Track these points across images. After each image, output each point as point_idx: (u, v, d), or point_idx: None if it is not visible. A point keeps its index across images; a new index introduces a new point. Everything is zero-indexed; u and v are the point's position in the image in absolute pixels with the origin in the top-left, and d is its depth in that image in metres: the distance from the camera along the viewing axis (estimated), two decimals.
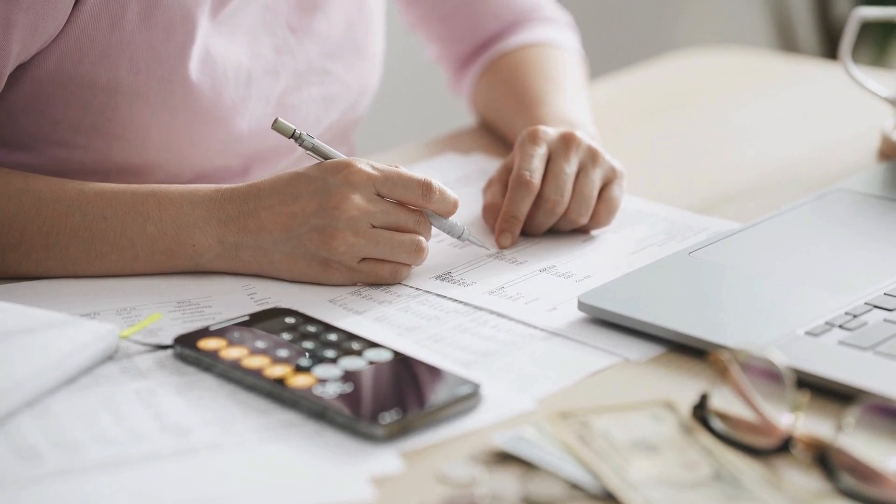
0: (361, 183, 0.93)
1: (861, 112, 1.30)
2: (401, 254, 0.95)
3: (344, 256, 0.93)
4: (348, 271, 0.94)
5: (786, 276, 0.95)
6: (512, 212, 1.01)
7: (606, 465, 0.73)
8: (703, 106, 1.37)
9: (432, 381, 0.82)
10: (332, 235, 0.93)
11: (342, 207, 0.92)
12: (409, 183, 0.95)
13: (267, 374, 0.82)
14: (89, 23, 0.98)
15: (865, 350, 0.84)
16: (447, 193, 0.96)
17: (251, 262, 0.95)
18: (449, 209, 0.97)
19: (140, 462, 0.75)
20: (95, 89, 1.01)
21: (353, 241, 0.93)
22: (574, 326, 0.90)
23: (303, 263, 0.94)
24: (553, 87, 1.18)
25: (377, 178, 0.94)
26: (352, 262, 0.94)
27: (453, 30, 1.25)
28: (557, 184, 1.01)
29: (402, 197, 0.95)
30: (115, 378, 0.83)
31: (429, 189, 0.95)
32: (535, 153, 1.02)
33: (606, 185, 1.03)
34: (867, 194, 1.10)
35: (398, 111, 2.24)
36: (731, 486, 0.72)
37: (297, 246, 0.93)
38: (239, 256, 0.94)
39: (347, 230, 0.93)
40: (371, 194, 0.94)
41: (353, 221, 0.93)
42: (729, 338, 0.85)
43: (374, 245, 0.93)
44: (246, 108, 1.07)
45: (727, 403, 0.77)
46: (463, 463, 0.75)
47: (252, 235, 0.94)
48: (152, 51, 1.00)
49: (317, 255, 0.93)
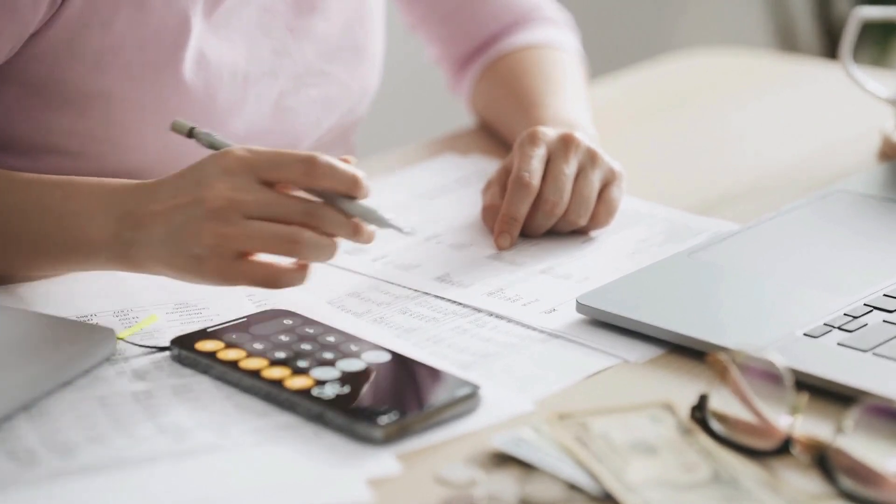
0: (237, 169, 0.85)
1: (861, 112, 1.30)
2: (275, 247, 0.85)
3: (215, 250, 0.85)
4: (224, 269, 0.85)
5: (785, 277, 0.94)
6: (511, 213, 1.01)
7: (605, 467, 0.73)
8: (703, 106, 1.37)
9: (431, 383, 0.81)
10: (199, 227, 0.85)
11: (209, 197, 0.85)
12: (290, 160, 0.85)
13: (265, 375, 0.81)
14: (78, 28, 0.98)
15: (865, 351, 0.83)
16: (339, 168, 0.85)
17: (145, 260, 0.88)
18: (346, 186, 0.86)
19: (137, 464, 0.74)
20: (88, 96, 1.00)
21: (223, 233, 0.84)
22: (573, 328, 0.90)
23: (182, 259, 0.86)
24: (552, 88, 1.17)
25: (254, 161, 0.85)
26: (226, 257, 0.85)
27: (453, 30, 1.25)
28: (557, 185, 1.01)
29: (285, 177, 0.86)
30: (112, 380, 0.83)
31: (312, 164, 0.85)
32: (534, 154, 1.02)
33: (606, 187, 1.03)
34: (867, 195, 1.10)
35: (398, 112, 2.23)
36: (730, 488, 0.72)
37: (177, 240, 0.85)
38: (133, 255, 0.87)
39: (214, 221, 0.84)
40: (250, 182, 0.85)
41: (221, 212, 0.84)
42: (728, 339, 0.84)
43: (245, 238, 0.84)
44: (242, 109, 1.07)
45: (726, 405, 0.77)
46: (461, 464, 0.75)
47: (143, 231, 0.87)
48: (144, 54, 1.00)
49: (192, 250, 0.85)
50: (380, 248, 1.03)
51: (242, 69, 1.06)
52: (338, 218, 0.86)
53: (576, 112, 1.14)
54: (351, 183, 0.86)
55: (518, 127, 1.11)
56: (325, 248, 0.86)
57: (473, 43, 1.25)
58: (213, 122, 1.04)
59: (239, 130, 1.07)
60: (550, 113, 1.13)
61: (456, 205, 1.10)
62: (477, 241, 1.03)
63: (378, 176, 1.18)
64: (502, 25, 1.24)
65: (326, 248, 0.86)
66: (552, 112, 1.13)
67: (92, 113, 1.01)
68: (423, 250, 1.02)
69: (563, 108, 1.14)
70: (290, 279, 0.87)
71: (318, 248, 0.86)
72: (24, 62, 0.99)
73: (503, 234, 1.01)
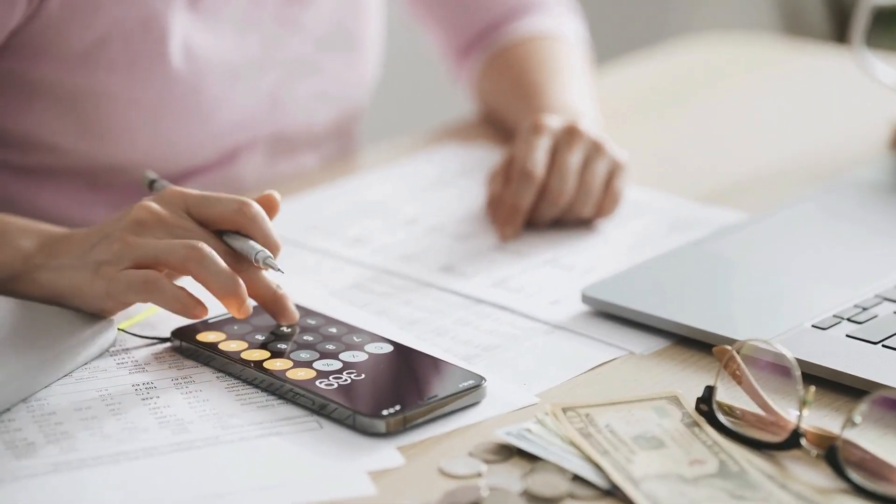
0: (170, 198, 0.83)
1: (872, 101, 1.29)
2: (170, 255, 0.81)
3: (114, 257, 0.81)
4: (109, 281, 0.81)
5: (794, 268, 0.94)
6: (515, 204, 1.00)
7: (610, 460, 0.72)
8: (710, 95, 1.36)
9: (434, 375, 0.81)
10: (117, 236, 0.82)
11: (135, 210, 0.82)
12: (223, 200, 0.83)
13: (267, 367, 0.81)
14: (59, 25, 0.98)
15: (874, 343, 0.83)
16: (267, 226, 0.84)
17: (45, 285, 0.84)
18: (268, 245, 0.83)
19: (138, 457, 0.74)
20: (75, 92, 1.00)
21: (130, 241, 0.81)
22: (577, 319, 0.89)
23: (80, 275, 0.82)
24: (556, 77, 1.17)
25: (189, 195, 0.83)
26: (117, 266, 0.81)
27: (455, 18, 1.24)
28: (562, 176, 1.00)
29: (216, 214, 0.83)
30: (113, 371, 0.82)
31: (244, 206, 0.83)
32: (538, 145, 1.01)
33: (611, 177, 1.03)
34: (878, 185, 1.09)
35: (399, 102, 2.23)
36: (737, 481, 0.71)
37: (86, 255, 0.83)
38: (36, 279, 0.84)
39: (130, 231, 0.82)
40: (179, 209, 0.83)
41: (140, 223, 0.82)
42: (735, 330, 0.84)
43: (148, 247, 0.81)
44: (232, 101, 1.07)
45: (733, 397, 0.76)
46: (465, 457, 0.74)
47: (58, 257, 0.84)
48: (129, 49, 1.00)
49: (92, 262, 0.82)
50: (382, 238, 1.02)
51: (231, 61, 1.06)
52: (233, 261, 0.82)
53: (580, 100, 1.13)
54: (273, 245, 0.83)
55: (522, 117, 1.11)
56: (222, 273, 0.80)
57: (475, 30, 1.24)
58: (202, 114, 1.04)
59: (229, 120, 1.06)
60: (554, 102, 1.12)
61: (458, 195, 1.09)
62: (480, 232, 1.03)
63: (380, 166, 1.18)
64: (505, 12, 1.24)
65: (223, 274, 0.80)
66: (556, 101, 1.12)
67: (79, 109, 1.01)
68: (425, 241, 1.02)
69: (567, 97, 1.13)
70: (169, 297, 0.80)
71: (216, 270, 0.80)
72: (6, 59, 0.99)
73: (507, 224, 1.00)
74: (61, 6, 0.97)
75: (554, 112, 1.09)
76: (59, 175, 1.05)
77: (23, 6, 0.96)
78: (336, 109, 1.16)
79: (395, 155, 1.20)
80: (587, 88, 1.18)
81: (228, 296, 0.81)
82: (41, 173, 1.05)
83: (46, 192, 1.06)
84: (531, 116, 1.05)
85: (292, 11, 1.10)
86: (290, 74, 1.11)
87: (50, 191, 1.06)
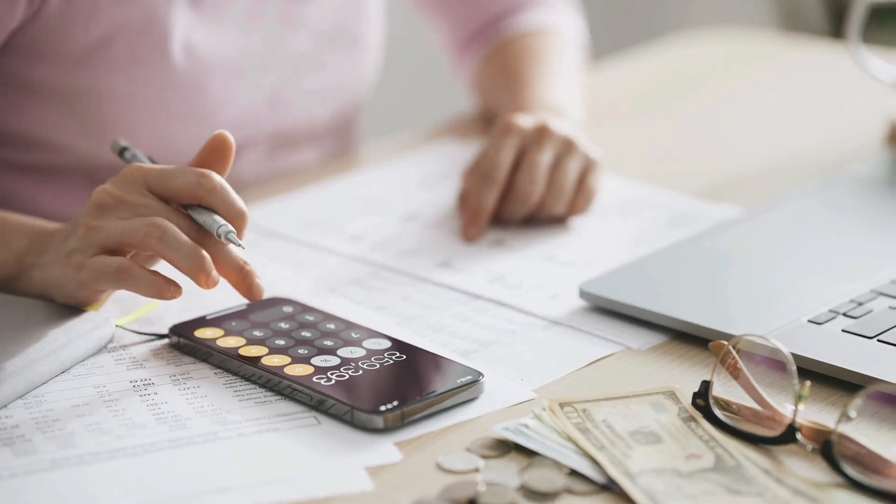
0: (129, 176, 0.82)
1: (869, 97, 1.29)
2: (132, 234, 0.80)
3: (80, 244, 0.81)
4: (80, 269, 0.81)
5: (790, 263, 0.94)
6: (478, 205, 1.00)
7: (607, 455, 0.72)
8: (708, 90, 1.36)
9: (432, 370, 0.81)
10: (79, 224, 0.82)
11: (96, 195, 0.82)
12: (183, 171, 0.82)
13: (264, 363, 0.81)
14: (60, 26, 0.98)
15: (870, 338, 0.83)
16: (230, 194, 0.83)
17: (37, 283, 0.84)
18: (231, 213, 0.82)
19: (135, 453, 0.74)
20: (77, 91, 1.00)
21: (93, 225, 0.81)
22: (575, 315, 0.89)
23: (58, 268, 0.82)
24: (543, 72, 1.17)
25: (149, 170, 0.82)
26: (85, 253, 0.81)
27: (456, 12, 1.25)
28: (530, 175, 1.00)
29: (175, 187, 0.82)
30: (111, 368, 0.82)
31: (203, 177, 0.82)
32: (502, 146, 1.02)
33: (584, 174, 1.03)
34: (874, 180, 1.09)
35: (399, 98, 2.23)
36: (733, 476, 0.71)
37: (60, 248, 0.83)
38: (31, 278, 0.84)
39: (92, 215, 0.81)
40: (138, 187, 0.81)
41: (101, 206, 0.81)
42: (732, 325, 0.84)
43: (111, 230, 0.80)
44: (234, 99, 1.07)
45: (729, 392, 0.76)
46: (463, 452, 0.74)
47: (44, 255, 0.84)
48: (130, 48, 1.00)
49: (65, 252, 0.82)
50: (381, 234, 1.02)
51: (233, 59, 1.06)
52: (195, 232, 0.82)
53: (562, 96, 1.14)
54: (237, 214, 0.82)
55: (504, 109, 1.11)
56: (184, 247, 0.80)
57: (476, 24, 1.25)
58: (204, 112, 1.04)
59: (230, 118, 1.06)
60: (536, 97, 1.13)
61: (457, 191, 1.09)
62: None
63: (379, 162, 1.18)
64: (506, 6, 1.24)
65: (186, 248, 0.80)
66: (538, 96, 1.13)
67: (81, 107, 1.01)
68: (424, 237, 1.02)
69: (549, 92, 1.14)
70: (142, 282, 0.80)
71: (178, 246, 0.80)
72: (7, 59, 0.99)
73: (470, 225, 1.00)
74: (62, 6, 0.97)
75: (533, 107, 1.10)
76: (61, 173, 1.05)
77: (23, 7, 0.96)
78: (337, 105, 1.16)
79: (394, 151, 1.20)
80: (575, 84, 1.19)
81: (193, 270, 0.80)
82: (42, 171, 1.05)
83: (48, 190, 1.06)
84: (504, 117, 1.05)
85: (294, 8, 1.10)
86: (292, 72, 1.11)
87: (51, 189, 1.06)
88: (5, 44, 0.99)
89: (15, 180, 1.06)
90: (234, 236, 0.82)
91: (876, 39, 2.48)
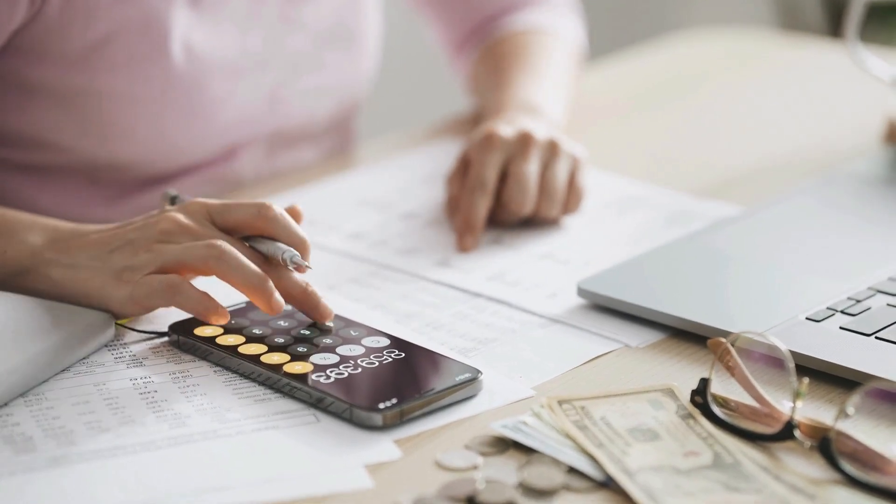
0: (193, 209, 0.85)
1: (867, 95, 1.29)
2: (192, 254, 0.82)
3: (138, 262, 0.83)
4: (133, 285, 0.83)
5: (788, 261, 0.94)
6: (470, 218, 1.00)
7: (605, 452, 0.72)
8: (706, 89, 1.36)
9: (431, 368, 0.81)
10: (140, 246, 0.83)
11: (162, 221, 0.84)
12: (243, 205, 0.84)
13: (264, 361, 0.81)
14: (60, 27, 0.98)
15: (868, 335, 0.83)
16: (290, 223, 0.84)
17: (58, 281, 0.85)
18: (294, 242, 0.84)
19: (135, 451, 0.74)
20: (77, 91, 1.00)
21: (159, 248, 0.83)
22: (573, 313, 0.89)
23: (101, 278, 0.83)
24: (528, 71, 1.18)
25: (210, 205, 0.85)
26: (141, 272, 0.83)
27: (455, 10, 1.25)
28: (520, 187, 1.00)
29: (237, 219, 0.84)
30: (111, 366, 0.82)
31: (264, 209, 0.84)
32: (487, 162, 1.01)
33: (572, 174, 1.03)
34: (872, 178, 1.09)
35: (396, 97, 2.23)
36: (731, 473, 0.71)
37: (107, 260, 0.84)
38: (48, 274, 0.85)
39: (153, 239, 0.83)
40: (204, 219, 0.84)
41: (169, 233, 0.83)
42: (729, 323, 0.84)
43: (170, 255, 0.82)
44: (233, 98, 1.07)
45: (727, 389, 0.76)
46: (461, 450, 0.74)
47: (71, 254, 0.85)
48: (130, 48, 1.00)
49: (115, 267, 0.83)
50: (380, 233, 1.02)
51: (232, 59, 1.06)
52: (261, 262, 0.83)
53: (542, 96, 1.14)
54: (299, 241, 0.84)
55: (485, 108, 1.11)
56: (244, 267, 0.81)
57: (473, 23, 1.25)
58: (203, 112, 1.05)
59: (230, 118, 1.07)
60: (515, 96, 1.13)
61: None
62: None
63: (378, 160, 1.18)
64: (503, 5, 1.24)
65: (246, 269, 0.81)
66: (517, 96, 1.13)
67: (81, 107, 1.01)
68: (422, 235, 1.02)
69: (529, 92, 1.14)
70: (192, 300, 0.82)
71: (237, 265, 0.81)
72: (8, 59, 0.99)
73: (465, 236, 1.00)
74: (62, 7, 0.97)
75: (511, 107, 1.10)
76: (61, 172, 1.06)
77: (24, 7, 0.96)
78: (335, 104, 1.16)
79: (393, 149, 1.20)
80: (560, 84, 1.19)
81: (253, 289, 0.82)
82: (42, 171, 1.06)
83: (48, 189, 1.07)
84: (484, 126, 1.05)
85: (293, 8, 1.10)
86: (291, 71, 1.11)
87: (51, 188, 1.07)
88: (5, 44, 0.99)
89: (15, 180, 1.06)
90: (299, 259, 0.83)
91: (874, 38, 2.49)
